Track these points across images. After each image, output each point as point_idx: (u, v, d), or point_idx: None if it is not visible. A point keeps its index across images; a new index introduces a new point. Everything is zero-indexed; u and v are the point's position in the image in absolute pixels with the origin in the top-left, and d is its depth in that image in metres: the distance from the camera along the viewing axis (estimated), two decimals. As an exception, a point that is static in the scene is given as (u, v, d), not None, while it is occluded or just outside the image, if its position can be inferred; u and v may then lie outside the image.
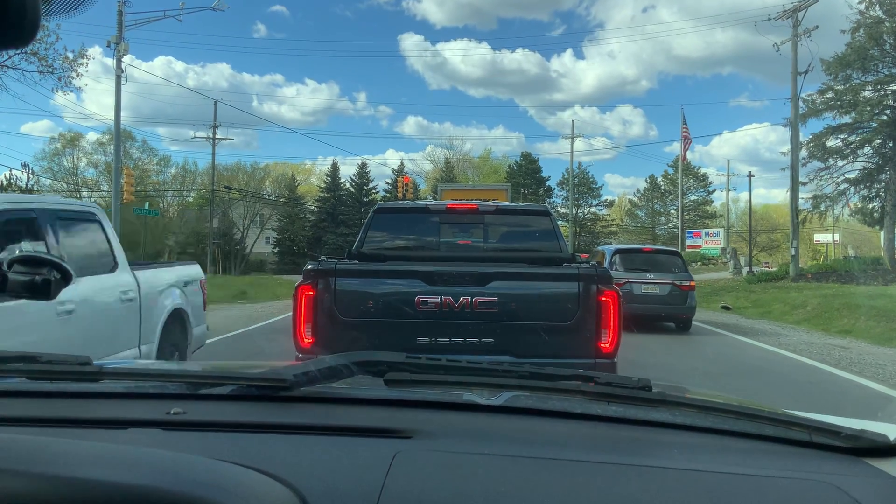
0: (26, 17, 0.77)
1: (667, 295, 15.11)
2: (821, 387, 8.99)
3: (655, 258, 16.30)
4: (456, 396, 1.54)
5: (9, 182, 52.36)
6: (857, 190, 35.29)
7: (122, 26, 27.82)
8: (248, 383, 1.54)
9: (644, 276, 15.31)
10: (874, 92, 33.57)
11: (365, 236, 6.40)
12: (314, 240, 64.95)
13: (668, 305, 15.24)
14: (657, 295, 15.14)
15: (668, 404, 1.48)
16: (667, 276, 15.31)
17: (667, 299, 15.15)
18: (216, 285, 28.39)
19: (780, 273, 31.76)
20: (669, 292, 15.10)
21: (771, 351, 12.57)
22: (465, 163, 79.99)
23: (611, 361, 5.08)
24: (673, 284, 15.14)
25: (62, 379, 1.60)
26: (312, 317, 5.10)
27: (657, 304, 15.12)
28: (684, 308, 15.22)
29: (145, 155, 63.59)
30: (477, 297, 5.05)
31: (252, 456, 1.14)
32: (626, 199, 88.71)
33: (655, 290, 15.15)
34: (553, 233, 6.47)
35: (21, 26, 0.78)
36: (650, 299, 15.11)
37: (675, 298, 15.12)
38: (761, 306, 21.96)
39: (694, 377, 9.29)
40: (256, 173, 71.72)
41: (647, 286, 15.17)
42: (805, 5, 30.85)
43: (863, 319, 16.37)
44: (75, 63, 20.89)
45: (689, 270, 16.47)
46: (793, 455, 1.30)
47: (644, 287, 15.20)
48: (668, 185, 79.96)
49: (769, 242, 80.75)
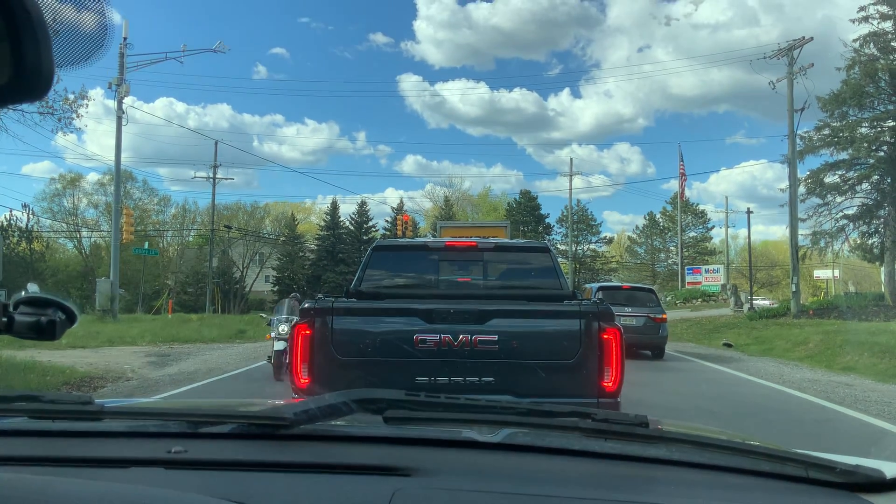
0: (42, 72, 0.81)
1: (642, 326, 17.06)
2: (827, 425, 8.91)
3: (633, 294, 18.58)
4: (455, 433, 1.55)
5: (9, 223, 52.58)
6: (857, 226, 35.38)
7: (123, 68, 28.17)
8: (249, 422, 1.55)
9: (623, 309, 16.50)
10: (871, 128, 33.82)
11: (363, 274, 6.28)
12: (313, 278, 64.82)
13: (644, 335, 17.15)
14: (634, 326, 16.70)
15: (665, 441, 1.48)
16: (642, 309, 17.39)
17: (642, 329, 17.07)
18: (215, 324, 28.34)
19: (782, 310, 31.66)
20: (644, 323, 17.10)
21: (775, 389, 12.48)
22: (464, 201, 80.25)
23: (614, 401, 4.97)
24: (647, 317, 17.26)
25: (64, 418, 1.61)
26: (309, 356, 5.00)
27: (634, 334, 16.35)
28: (657, 337, 17.34)
29: (145, 195, 63.69)
30: (476, 335, 4.98)
31: (253, 494, 1.14)
32: (625, 236, 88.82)
33: (633, 321, 16.72)
34: (553, 270, 6.38)
35: (37, 81, 0.81)
36: (628, 329, 16.48)
37: (650, 329, 17.15)
38: (763, 343, 21.89)
39: (698, 416, 9.21)
40: (256, 212, 71.84)
41: (625, 318, 16.21)
42: (800, 44, 31.26)
43: (866, 356, 16.28)
44: (76, 104, 21.06)
45: (662, 305, 18.83)
46: (789, 491, 1.31)
47: (623, 319, 16.42)
48: (666, 221, 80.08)
49: (769, 279, 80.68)
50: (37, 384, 10.88)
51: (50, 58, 0.81)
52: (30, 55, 0.79)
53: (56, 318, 1.21)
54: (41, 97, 0.83)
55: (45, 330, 1.20)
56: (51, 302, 1.23)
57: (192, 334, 23.48)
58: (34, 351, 14.65)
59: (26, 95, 0.83)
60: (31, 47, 0.79)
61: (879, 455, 6.99)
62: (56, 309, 1.23)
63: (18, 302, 1.21)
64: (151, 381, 12.66)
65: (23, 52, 0.79)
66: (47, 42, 0.81)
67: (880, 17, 33.16)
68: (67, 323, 1.24)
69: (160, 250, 59.54)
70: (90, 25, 0.91)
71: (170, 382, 12.30)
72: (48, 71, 0.81)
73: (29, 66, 0.80)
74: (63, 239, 61.34)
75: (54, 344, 16.13)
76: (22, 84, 0.81)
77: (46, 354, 14.75)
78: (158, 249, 57.84)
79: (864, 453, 1.80)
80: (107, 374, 13.01)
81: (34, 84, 0.81)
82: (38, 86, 0.81)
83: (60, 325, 1.22)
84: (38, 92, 0.82)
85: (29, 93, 0.82)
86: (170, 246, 66.86)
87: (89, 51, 0.92)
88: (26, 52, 0.79)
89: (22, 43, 0.79)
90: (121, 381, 12.53)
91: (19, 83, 0.81)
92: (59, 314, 1.22)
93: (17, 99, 0.83)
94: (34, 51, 0.79)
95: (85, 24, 0.91)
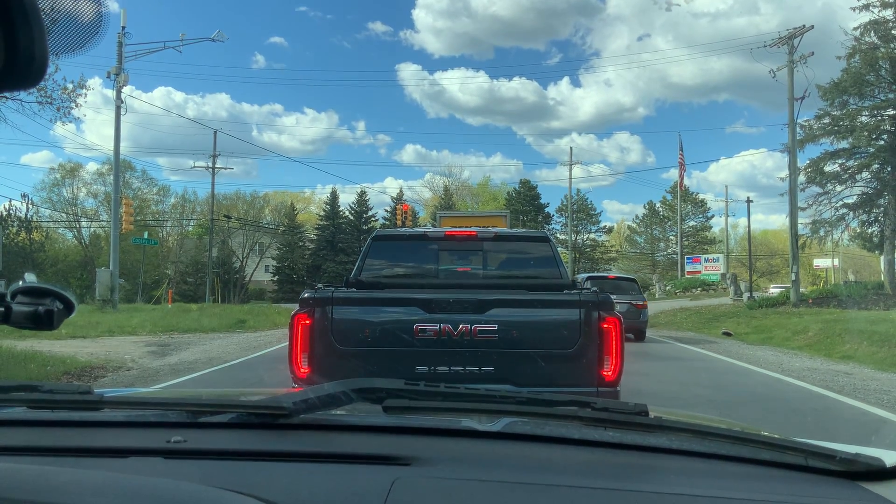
0: (35, 58, 0.80)
1: (626, 311, 18.14)
2: (826, 414, 8.92)
3: (618, 283, 20.89)
4: (454, 423, 1.55)
5: (8, 213, 52.55)
6: (856, 215, 35.40)
7: (121, 57, 28.08)
8: (248, 411, 1.55)
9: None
10: (871, 117, 33.80)
11: (363, 264, 6.26)
12: (313, 268, 64.90)
13: (628, 320, 19.50)
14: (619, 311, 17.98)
15: (664, 429, 1.48)
16: (626, 297, 19.32)
17: (626, 315, 18.28)
18: (215, 314, 28.37)
19: (781, 298, 31.68)
20: (627, 309, 18.59)
21: (774, 377, 12.50)
22: (463, 190, 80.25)
23: (613, 390, 4.99)
24: (630, 304, 19.25)
25: (63, 408, 1.61)
26: (309, 346, 5.00)
27: None
28: (639, 322, 19.58)
29: (145, 185, 63.71)
30: (476, 324, 4.98)
31: (252, 484, 1.14)
32: (625, 226, 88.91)
33: (618, 307, 17.77)
34: (553, 259, 6.36)
35: (30, 68, 0.80)
36: None
37: (633, 314, 18.95)
38: (763, 332, 21.91)
39: (697, 405, 9.23)
40: (256, 202, 71.89)
41: None
42: (800, 32, 31.17)
43: (865, 345, 16.29)
44: (74, 94, 20.99)
45: (643, 294, 21.77)
46: (789, 479, 1.31)
47: None
48: (666, 211, 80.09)
49: (768, 268, 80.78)
50: (37, 374, 10.90)
51: (44, 44, 0.80)
52: (23, 42, 0.78)
53: (54, 308, 1.21)
54: (35, 85, 0.82)
55: (43, 320, 1.19)
56: (48, 291, 1.23)
57: (192, 324, 23.50)
58: (34, 341, 14.68)
59: (20, 83, 0.82)
60: (24, 33, 0.78)
61: (879, 443, 7.02)
62: (54, 298, 1.22)
63: (16, 292, 1.21)
64: (151, 370, 12.68)
65: (16, 39, 0.78)
66: (41, 28, 0.79)
67: (881, 6, 33.05)
68: (65, 312, 1.23)
69: (160, 240, 59.54)
70: (86, 12, 0.90)
71: (170, 372, 12.32)
72: (42, 58, 0.80)
73: (22, 52, 0.79)
74: (62, 229, 61.41)
75: (54, 334, 16.17)
76: (15, 71, 0.79)
77: (46, 344, 14.78)
78: (158, 239, 57.82)
79: (863, 442, 1.80)
80: (107, 364, 13.03)
81: (27, 71, 0.80)
82: (32, 73, 0.80)
83: (58, 314, 1.21)
84: (31, 79, 0.81)
85: (22, 80, 0.81)
86: (169, 236, 66.89)
87: (85, 38, 0.91)
88: (19, 38, 0.78)
89: (15, 29, 0.78)
90: (121, 371, 12.55)
91: (12, 70, 0.79)
92: (56, 304, 1.22)
93: (11, 86, 0.82)
94: (27, 37, 0.78)
95: (80, 10, 0.90)
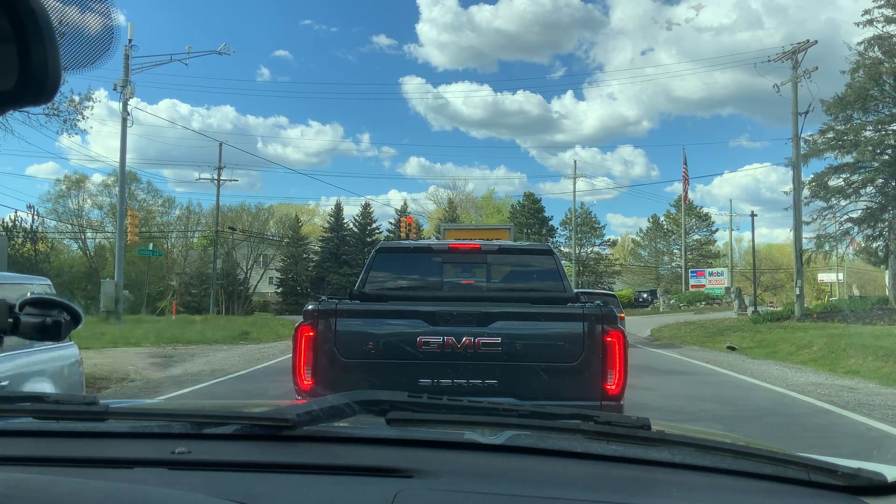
0: (48, 75, 0.81)
1: None
2: (830, 429, 8.88)
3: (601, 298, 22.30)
4: (457, 435, 1.55)
5: (14, 224, 52.66)
6: (861, 229, 35.32)
7: (128, 70, 28.22)
8: (252, 423, 1.55)
9: None
10: (875, 132, 33.80)
11: (367, 276, 6.20)
12: (317, 280, 64.91)
13: None
14: None
15: (667, 443, 1.48)
16: None
17: None
18: (219, 326, 28.38)
19: (786, 313, 31.60)
20: None
21: (778, 392, 12.44)
22: (467, 203, 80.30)
23: (617, 404, 4.96)
24: None
25: (68, 419, 1.62)
26: (313, 358, 5.01)
27: None
28: None
29: (150, 196, 63.72)
30: (480, 337, 4.98)
31: (256, 495, 1.15)
32: (628, 239, 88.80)
33: None
34: (557, 272, 6.32)
35: (44, 85, 0.81)
36: None
37: None
38: (767, 346, 21.82)
39: (701, 419, 9.20)
40: (260, 214, 71.90)
41: None
42: (804, 47, 31.22)
43: (870, 359, 16.21)
44: (81, 106, 21.11)
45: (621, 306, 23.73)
46: (791, 494, 1.31)
47: None
48: (670, 224, 79.99)
49: (773, 282, 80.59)
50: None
51: (57, 61, 0.81)
52: (36, 58, 0.79)
53: (61, 319, 1.22)
54: (48, 101, 0.84)
55: (51, 331, 1.20)
56: (56, 303, 1.24)
57: (196, 336, 23.51)
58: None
59: (33, 99, 0.83)
60: (37, 50, 0.79)
61: (881, 458, 6.97)
62: (61, 310, 1.24)
63: (24, 303, 1.22)
64: (155, 382, 12.68)
65: (29, 56, 0.79)
66: (54, 45, 0.81)
67: (885, 21, 33.13)
68: (72, 324, 1.25)
69: (165, 251, 59.51)
70: (96, 28, 0.91)
71: (174, 384, 12.33)
72: (55, 74, 0.81)
73: (36, 69, 0.80)
74: (68, 240, 61.46)
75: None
76: (29, 88, 0.81)
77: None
78: (163, 251, 57.79)
79: (866, 457, 1.80)
80: (111, 375, 13.03)
81: (41, 88, 0.81)
82: (45, 89, 0.82)
83: (66, 325, 1.22)
84: (44, 95, 0.82)
85: (36, 96, 0.83)
86: (174, 247, 66.91)
87: (96, 54, 0.92)
88: (33, 55, 0.79)
89: (28, 46, 0.79)
90: (125, 382, 12.55)
91: (26, 87, 0.81)
92: (64, 315, 1.23)
93: (24, 103, 0.84)
94: (41, 54, 0.79)
95: (91, 26, 0.91)
